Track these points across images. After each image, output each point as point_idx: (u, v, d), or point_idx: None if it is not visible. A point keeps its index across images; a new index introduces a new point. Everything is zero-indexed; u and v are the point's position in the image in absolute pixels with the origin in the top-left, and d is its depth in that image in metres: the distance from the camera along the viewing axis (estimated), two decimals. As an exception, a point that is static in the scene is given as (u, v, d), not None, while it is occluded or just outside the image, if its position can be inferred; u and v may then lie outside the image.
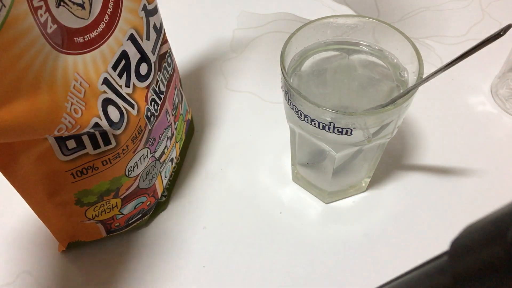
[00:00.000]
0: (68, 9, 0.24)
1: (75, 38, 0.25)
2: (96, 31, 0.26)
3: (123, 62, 0.28)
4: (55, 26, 0.23)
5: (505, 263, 0.11)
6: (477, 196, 0.38)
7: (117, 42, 0.28)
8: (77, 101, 0.25)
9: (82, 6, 0.25)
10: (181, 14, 0.56)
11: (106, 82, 0.27)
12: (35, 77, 0.23)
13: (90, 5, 0.26)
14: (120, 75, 0.28)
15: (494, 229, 0.12)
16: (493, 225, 0.12)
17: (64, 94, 0.24)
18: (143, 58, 0.30)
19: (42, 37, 0.22)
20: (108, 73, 0.27)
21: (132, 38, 0.29)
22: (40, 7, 0.22)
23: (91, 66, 0.26)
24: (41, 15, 0.22)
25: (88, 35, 0.26)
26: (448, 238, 0.14)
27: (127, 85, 0.29)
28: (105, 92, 0.27)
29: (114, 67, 0.28)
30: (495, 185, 0.39)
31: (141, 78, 0.30)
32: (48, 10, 0.23)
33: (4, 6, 0.20)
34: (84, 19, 0.25)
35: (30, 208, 0.30)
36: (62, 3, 0.24)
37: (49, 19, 0.23)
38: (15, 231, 0.38)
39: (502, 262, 0.11)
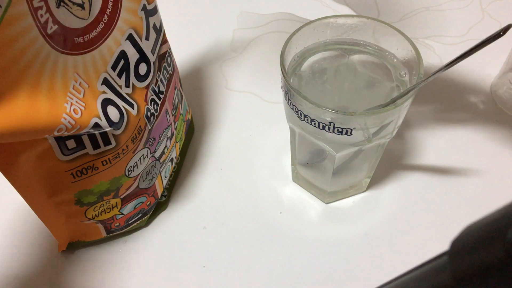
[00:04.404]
0: (68, 10, 0.24)
1: (75, 39, 0.25)
2: (95, 31, 0.26)
3: (122, 62, 0.28)
4: (56, 26, 0.23)
5: (505, 263, 0.11)
6: (477, 196, 0.38)
7: (116, 42, 0.28)
8: (76, 101, 0.25)
9: (82, 6, 0.25)
10: (181, 14, 0.56)
11: (105, 82, 0.27)
12: (34, 77, 0.23)
13: (90, 5, 0.26)
14: (119, 75, 0.28)
15: (494, 229, 0.12)
16: (493, 225, 0.12)
17: (63, 95, 0.24)
18: (142, 58, 0.30)
19: (42, 38, 0.22)
20: (108, 73, 0.27)
21: (131, 38, 0.29)
22: (41, 8, 0.22)
23: (91, 67, 0.26)
24: (42, 16, 0.22)
25: (87, 36, 0.26)
26: (448, 238, 0.14)
27: (127, 85, 0.29)
28: (104, 92, 0.27)
29: (113, 67, 0.28)
30: (495, 185, 0.39)
31: (140, 78, 0.30)
32: (48, 10, 0.23)
33: (0, 6, 0.20)
34: (84, 19, 0.25)
35: (30, 208, 0.30)
36: (62, 4, 0.24)
37: (50, 19, 0.23)
38: (15, 231, 0.38)
39: (502, 262, 0.11)
